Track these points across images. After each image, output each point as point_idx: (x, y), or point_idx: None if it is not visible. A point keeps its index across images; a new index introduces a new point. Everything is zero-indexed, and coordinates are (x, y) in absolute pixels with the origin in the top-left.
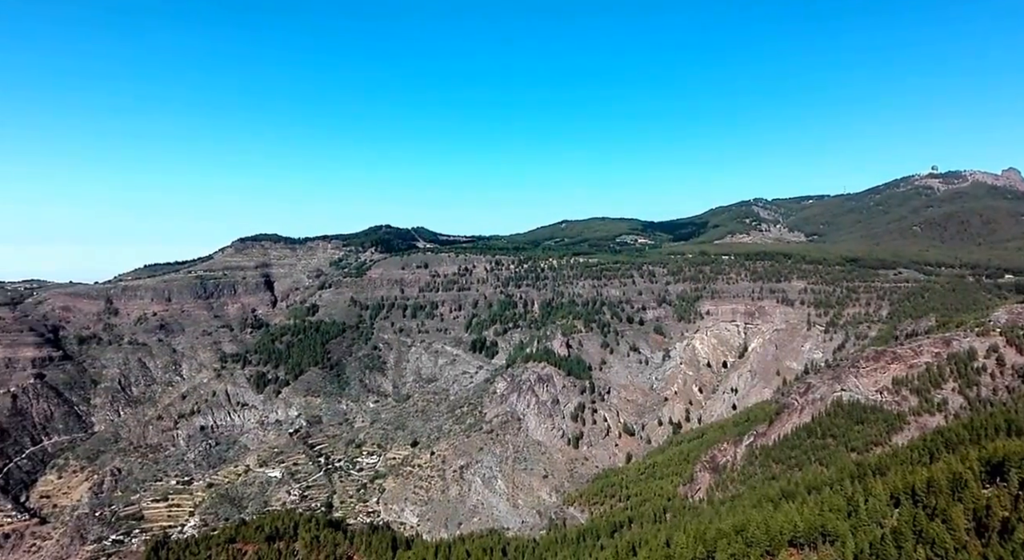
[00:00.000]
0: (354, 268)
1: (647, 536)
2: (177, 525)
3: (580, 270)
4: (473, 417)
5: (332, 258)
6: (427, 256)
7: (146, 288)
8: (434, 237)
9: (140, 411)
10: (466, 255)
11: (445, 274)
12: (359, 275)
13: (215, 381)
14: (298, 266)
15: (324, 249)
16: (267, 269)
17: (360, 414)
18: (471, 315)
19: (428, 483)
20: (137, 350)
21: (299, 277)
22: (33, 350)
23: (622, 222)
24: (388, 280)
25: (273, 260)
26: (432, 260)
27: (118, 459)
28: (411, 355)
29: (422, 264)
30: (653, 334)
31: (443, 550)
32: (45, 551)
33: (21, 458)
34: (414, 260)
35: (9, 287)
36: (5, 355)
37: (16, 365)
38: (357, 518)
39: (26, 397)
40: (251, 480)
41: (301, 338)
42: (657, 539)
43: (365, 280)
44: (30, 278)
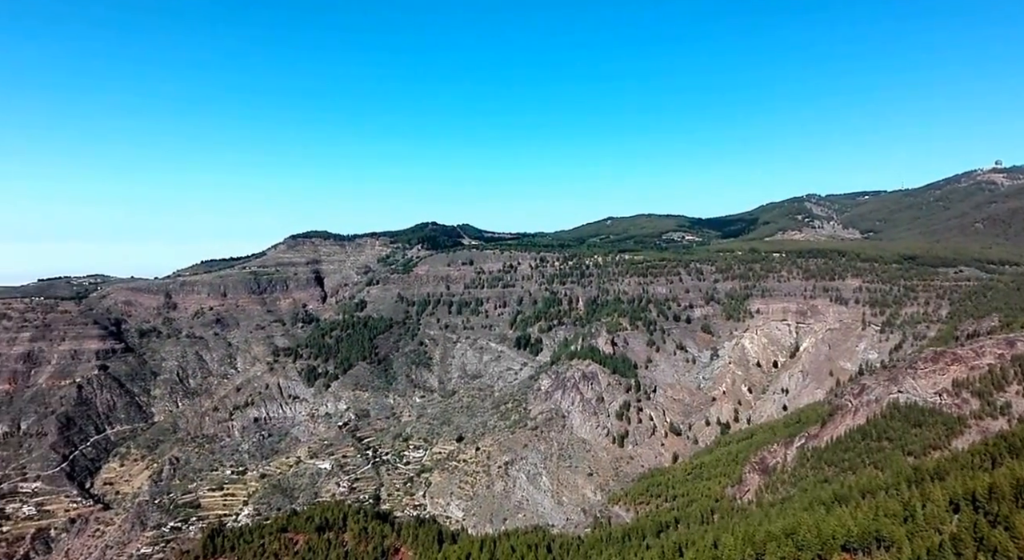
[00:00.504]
0: (401, 265)
1: (694, 537)
2: (232, 514)
3: (626, 267)
4: (518, 414)
5: (380, 255)
6: (472, 253)
7: (203, 283)
8: (479, 234)
9: (197, 402)
10: (511, 252)
11: (490, 271)
12: (406, 272)
13: (268, 374)
14: (347, 262)
15: (372, 246)
16: (317, 265)
17: (407, 408)
18: (516, 312)
19: (473, 478)
20: (194, 343)
21: (348, 273)
22: (97, 342)
23: (669, 219)
24: (434, 277)
25: (323, 256)
26: (477, 257)
27: (176, 449)
28: (456, 351)
29: (467, 261)
30: (700, 333)
31: (488, 545)
32: (108, 536)
33: (86, 446)
34: (460, 257)
35: (75, 282)
36: (71, 347)
37: (81, 357)
38: (404, 511)
39: (91, 387)
40: (302, 471)
41: (350, 333)
42: (704, 540)
43: (412, 276)
44: (94, 273)
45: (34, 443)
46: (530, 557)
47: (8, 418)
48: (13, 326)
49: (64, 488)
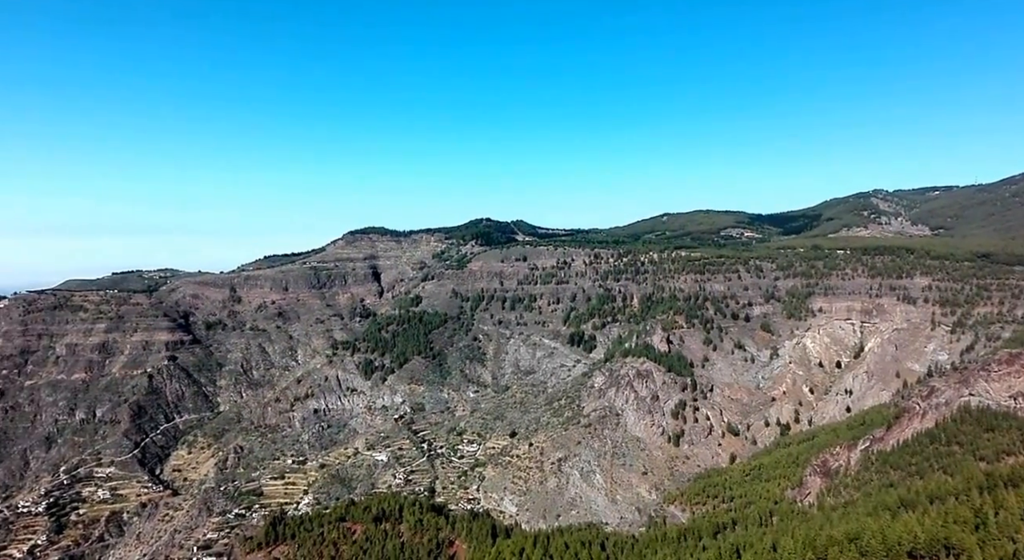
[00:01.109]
0: (455, 260)
1: (752, 539)
2: (293, 502)
3: (682, 264)
4: (571, 410)
5: (435, 251)
6: (526, 249)
7: (266, 278)
8: (533, 230)
9: (260, 393)
10: (565, 248)
11: (544, 267)
12: (460, 267)
13: (327, 367)
14: (403, 258)
15: (427, 242)
16: (374, 261)
17: (461, 403)
18: (569, 308)
19: (526, 474)
20: (257, 336)
21: (404, 269)
22: (167, 334)
23: (727, 215)
24: (488, 272)
25: (380, 252)
26: (531, 253)
27: (240, 438)
28: (510, 347)
29: (521, 257)
30: (760, 331)
31: (541, 541)
32: (177, 521)
33: (156, 434)
34: (513, 253)
35: (146, 276)
36: (143, 338)
37: (152, 348)
38: (458, 504)
39: (161, 377)
40: (359, 462)
41: (405, 328)
42: (763, 543)
43: (466, 272)
44: (164, 267)
45: (108, 430)
46: (583, 554)
47: (84, 406)
48: (89, 318)
49: (136, 474)
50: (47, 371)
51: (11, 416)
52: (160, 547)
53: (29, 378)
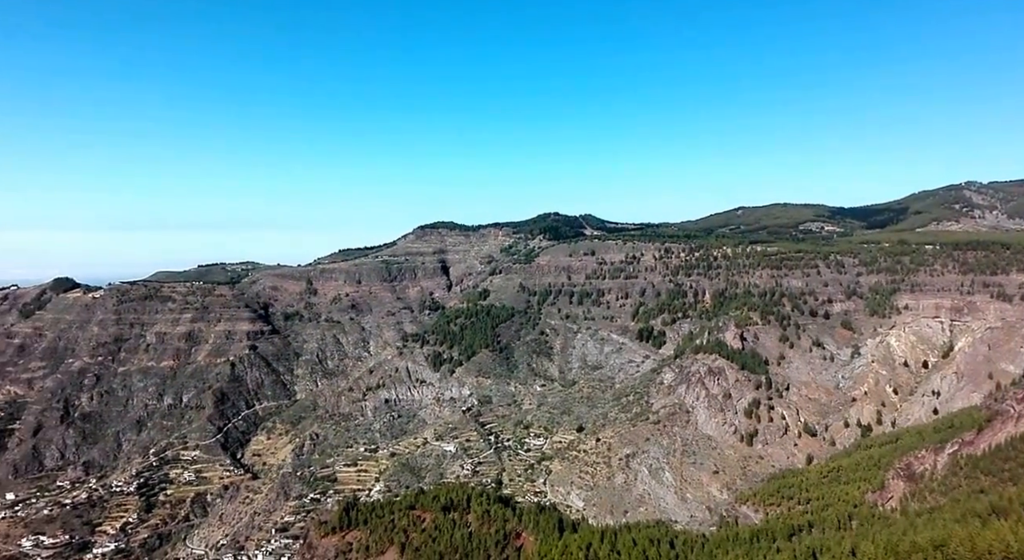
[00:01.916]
0: (523, 255)
1: (829, 543)
2: (365, 489)
3: (757, 259)
4: (639, 406)
5: (503, 245)
6: (594, 243)
7: (340, 271)
8: (602, 224)
9: (334, 382)
10: (634, 242)
11: (612, 262)
12: (528, 261)
13: (397, 358)
14: (471, 252)
15: (495, 236)
16: (443, 255)
17: (527, 397)
18: (638, 303)
19: (594, 469)
20: (332, 327)
21: (472, 263)
22: (248, 324)
23: (806, 208)
24: (555, 267)
25: (449, 246)
26: (599, 247)
27: (316, 425)
28: (577, 341)
29: (589, 251)
30: (840, 329)
31: (609, 536)
32: (256, 503)
33: (238, 419)
34: (581, 247)
35: (229, 268)
36: (226, 328)
37: (234, 337)
38: (525, 497)
39: (242, 366)
40: (428, 452)
41: (473, 321)
42: (841, 547)
43: (533, 266)
44: (246, 260)
45: (193, 415)
46: (652, 552)
47: (172, 391)
48: (177, 308)
49: (219, 457)
50: (138, 358)
51: (106, 400)
52: (241, 528)
53: (122, 365)
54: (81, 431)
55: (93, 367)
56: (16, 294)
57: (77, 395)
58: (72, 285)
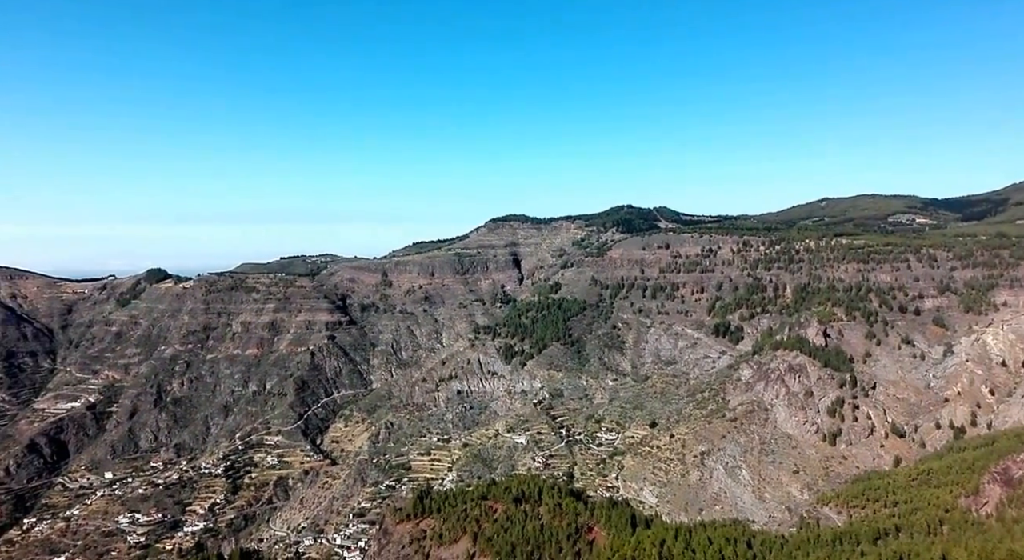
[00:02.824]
0: (595, 248)
1: (918, 548)
2: (438, 478)
3: (842, 252)
4: (715, 403)
5: (574, 238)
6: (669, 236)
7: (414, 263)
8: (677, 217)
9: (408, 373)
10: (711, 235)
11: (687, 255)
12: (600, 255)
13: (469, 350)
14: (543, 245)
15: (567, 229)
16: (515, 248)
17: (599, 391)
18: (714, 298)
19: (667, 465)
20: (406, 318)
21: (543, 256)
22: (326, 315)
23: (896, 199)
24: (628, 260)
25: (520, 239)
26: (674, 240)
27: (391, 414)
28: (650, 336)
29: (663, 244)
30: (931, 326)
31: (683, 534)
32: (335, 488)
33: (317, 407)
34: (655, 240)
35: (309, 260)
36: (306, 318)
37: (314, 327)
38: (596, 491)
39: (321, 355)
40: (500, 444)
41: (544, 314)
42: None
43: (605, 260)
44: (325, 253)
45: (276, 402)
46: (728, 551)
47: (256, 379)
48: (260, 298)
49: (300, 443)
50: (225, 346)
51: (195, 386)
52: (320, 512)
53: (210, 352)
54: (173, 415)
55: (184, 354)
56: (113, 284)
57: (169, 380)
58: (164, 276)
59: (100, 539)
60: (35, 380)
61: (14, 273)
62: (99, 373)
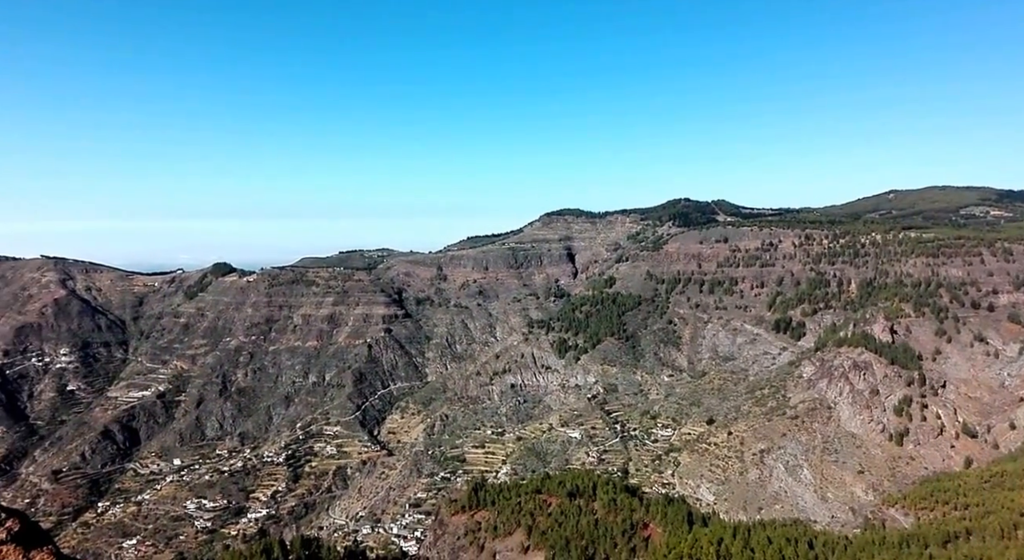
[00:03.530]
0: (651, 242)
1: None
2: (492, 471)
3: (910, 246)
4: (775, 400)
5: (629, 232)
6: (727, 230)
7: (468, 258)
8: (735, 210)
9: (462, 366)
10: (771, 229)
11: (747, 249)
12: (655, 249)
13: (523, 344)
14: (597, 239)
15: (622, 223)
16: (569, 242)
17: (655, 386)
18: (775, 293)
19: (725, 463)
20: (460, 312)
21: (598, 250)
22: (383, 308)
23: (969, 191)
24: (685, 254)
25: (575, 233)
26: (732, 234)
27: (446, 407)
28: (707, 331)
29: (721, 238)
30: (1007, 323)
31: (742, 532)
32: (391, 479)
33: (374, 398)
34: (713, 234)
35: (367, 254)
36: (364, 311)
37: (371, 320)
38: (652, 487)
39: (378, 347)
40: (554, 438)
41: (599, 309)
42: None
43: (661, 254)
44: (382, 247)
45: (335, 393)
46: (788, 551)
47: (316, 370)
48: (320, 291)
49: (357, 433)
50: (286, 338)
51: (258, 376)
52: (378, 501)
53: (272, 344)
54: (237, 404)
55: (247, 345)
56: (181, 277)
57: (234, 371)
58: (229, 269)
59: (169, 523)
60: (108, 369)
61: (89, 267)
62: (168, 363)
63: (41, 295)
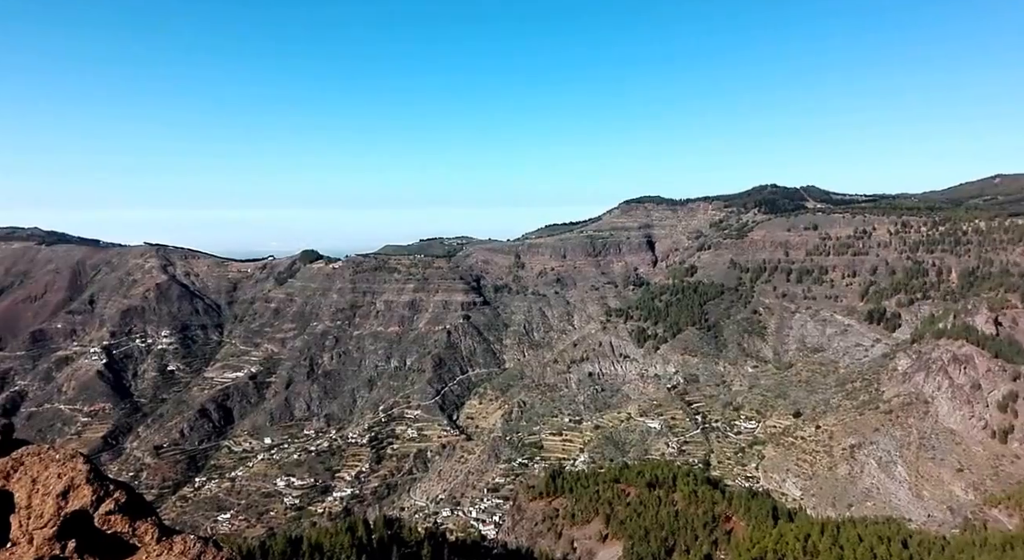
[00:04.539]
0: (735, 229)
1: None
2: (569, 458)
3: (1018, 234)
4: (867, 394)
5: (712, 219)
6: (817, 217)
7: (546, 246)
8: (826, 196)
9: (540, 354)
10: (864, 216)
11: (837, 236)
12: (740, 237)
13: (601, 333)
14: (678, 227)
15: (704, 210)
16: (649, 230)
17: (738, 377)
18: (868, 282)
19: (813, 457)
20: (538, 300)
21: (679, 238)
22: (462, 295)
23: None
24: (771, 242)
25: (654, 221)
26: (822, 221)
27: (523, 393)
28: (794, 322)
29: (810, 225)
30: None
31: (830, 529)
32: (470, 463)
33: (453, 384)
34: (801, 221)
35: (446, 242)
36: (443, 298)
37: (450, 307)
38: (735, 480)
39: (457, 334)
40: (632, 427)
41: (679, 297)
42: None
43: (746, 242)
44: (461, 235)
45: (415, 377)
46: (881, 549)
47: (397, 355)
48: (401, 278)
49: (437, 418)
50: (369, 323)
51: (343, 360)
52: (457, 485)
53: (356, 329)
54: (323, 387)
55: (333, 330)
56: (272, 264)
57: (320, 354)
58: (316, 256)
59: (260, 499)
60: (205, 351)
61: (188, 253)
62: (260, 346)
63: (144, 280)
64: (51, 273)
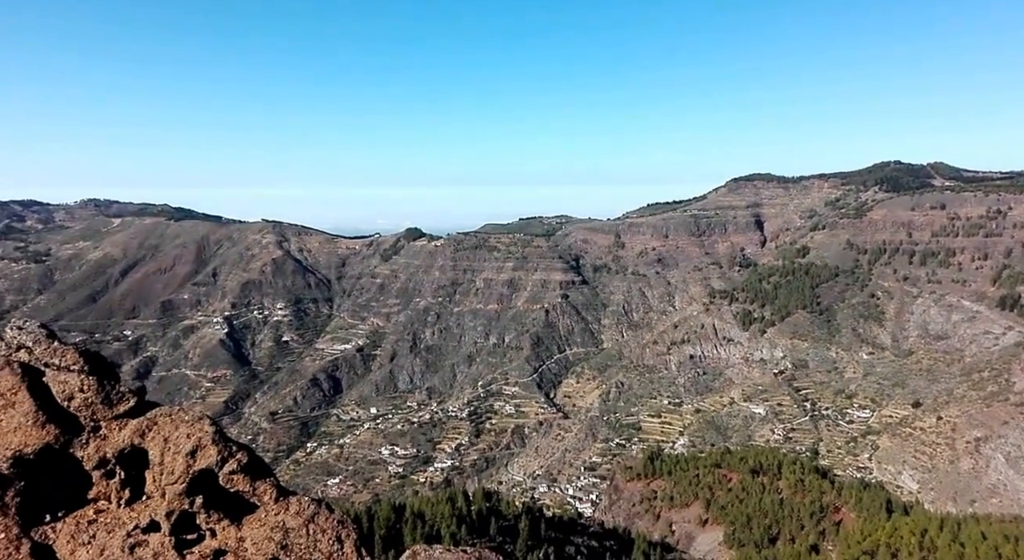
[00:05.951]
0: (852, 208)
1: None
2: (668, 441)
3: None
4: (996, 385)
5: (827, 198)
6: (944, 195)
7: (647, 225)
8: (956, 173)
9: (639, 334)
10: (999, 194)
11: (968, 216)
12: (858, 216)
13: (703, 314)
14: (790, 206)
15: (819, 188)
16: (757, 209)
17: (851, 364)
18: (1001, 266)
19: (933, 450)
20: (638, 280)
21: (790, 217)
22: (560, 274)
23: None
24: (892, 222)
25: (764, 200)
26: (951, 200)
27: (621, 374)
28: (916, 307)
29: (937, 205)
30: None
31: (950, 525)
32: (567, 441)
33: (550, 362)
34: (927, 200)
35: (546, 221)
36: (542, 277)
37: (548, 286)
38: (845, 471)
39: (555, 313)
40: (735, 412)
41: (789, 280)
42: None
43: (864, 222)
44: (560, 214)
45: (513, 355)
46: (1007, 549)
47: (496, 332)
48: (500, 257)
49: (534, 395)
50: (469, 300)
51: (444, 336)
52: (553, 462)
53: (456, 305)
54: (425, 361)
55: (434, 306)
56: (379, 241)
57: (422, 330)
58: (420, 234)
59: (366, 466)
60: (316, 323)
61: (301, 230)
62: (366, 320)
63: (261, 255)
64: (179, 247)
